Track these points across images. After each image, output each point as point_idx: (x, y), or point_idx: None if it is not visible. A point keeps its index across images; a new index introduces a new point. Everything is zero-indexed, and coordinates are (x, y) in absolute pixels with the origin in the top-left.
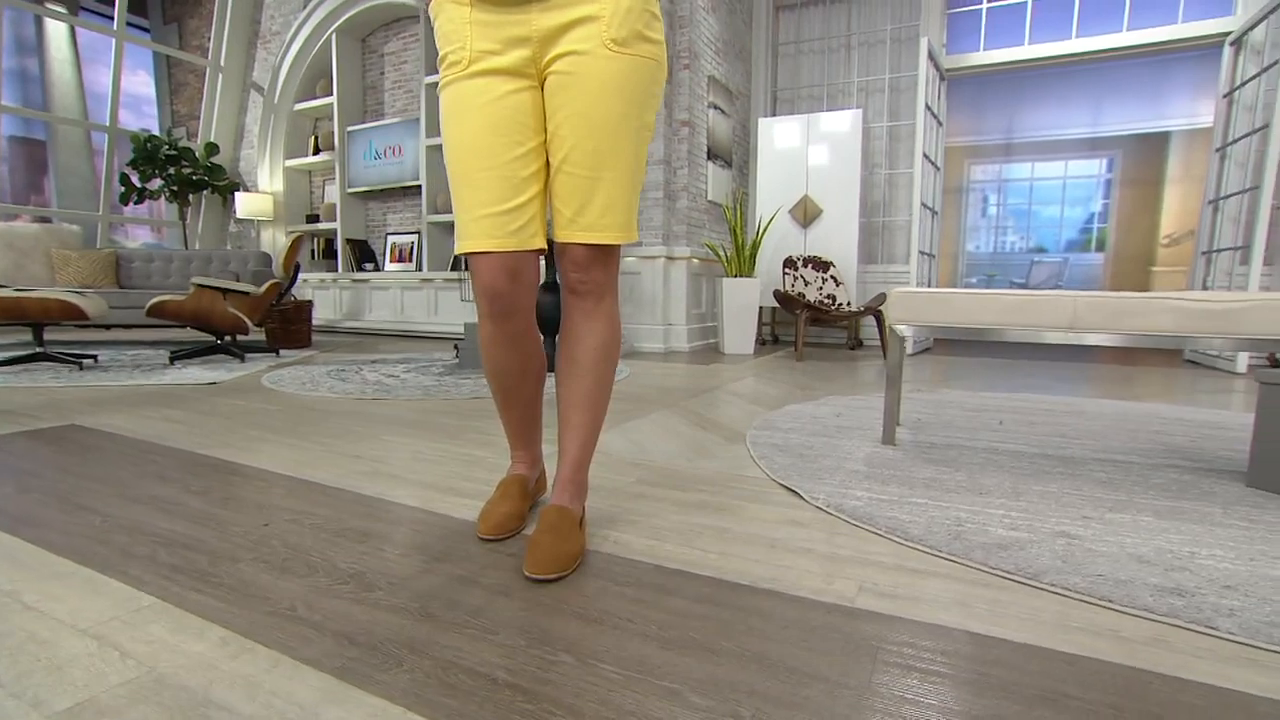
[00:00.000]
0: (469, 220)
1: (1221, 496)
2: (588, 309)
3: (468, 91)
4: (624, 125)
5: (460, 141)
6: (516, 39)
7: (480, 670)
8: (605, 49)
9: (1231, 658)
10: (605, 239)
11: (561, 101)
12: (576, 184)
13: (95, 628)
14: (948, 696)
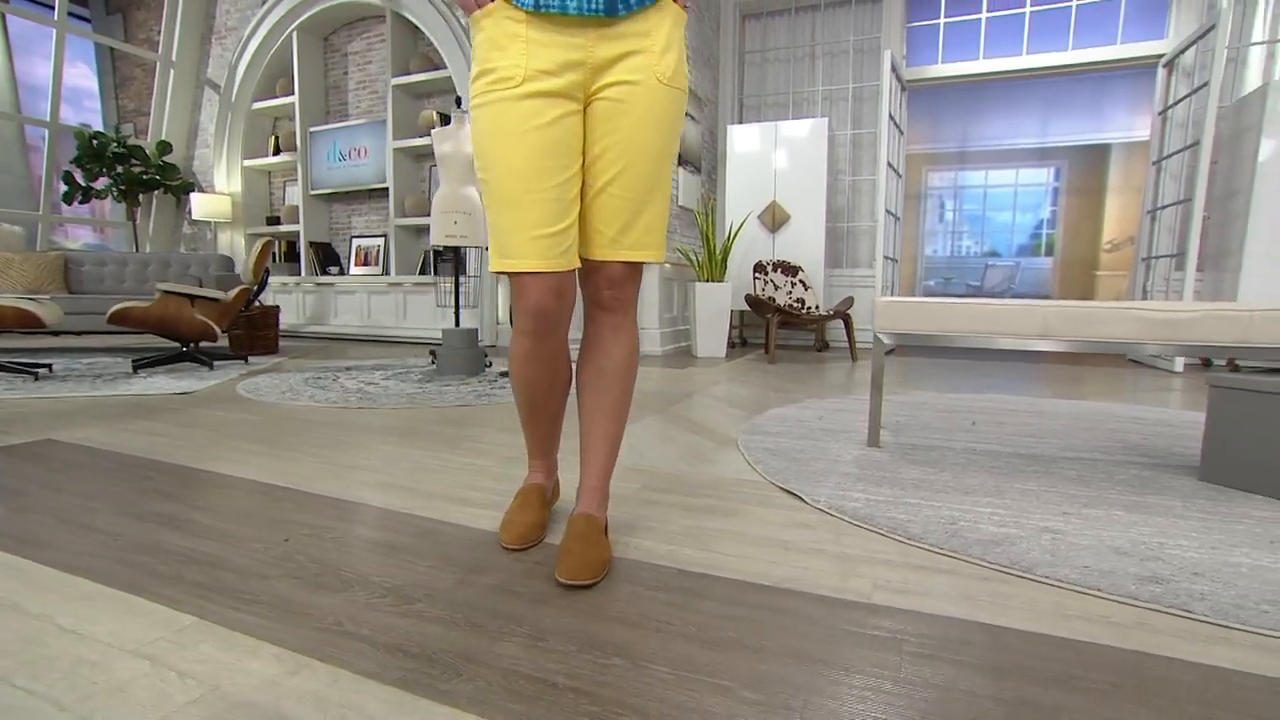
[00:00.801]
0: (520, 241)
1: (1179, 491)
2: (616, 323)
3: (519, 112)
4: (665, 152)
5: (511, 163)
6: (572, 63)
7: (539, 676)
8: (655, 80)
9: (1207, 637)
10: (646, 257)
11: (611, 127)
12: (621, 206)
13: (143, 648)
14: (974, 682)
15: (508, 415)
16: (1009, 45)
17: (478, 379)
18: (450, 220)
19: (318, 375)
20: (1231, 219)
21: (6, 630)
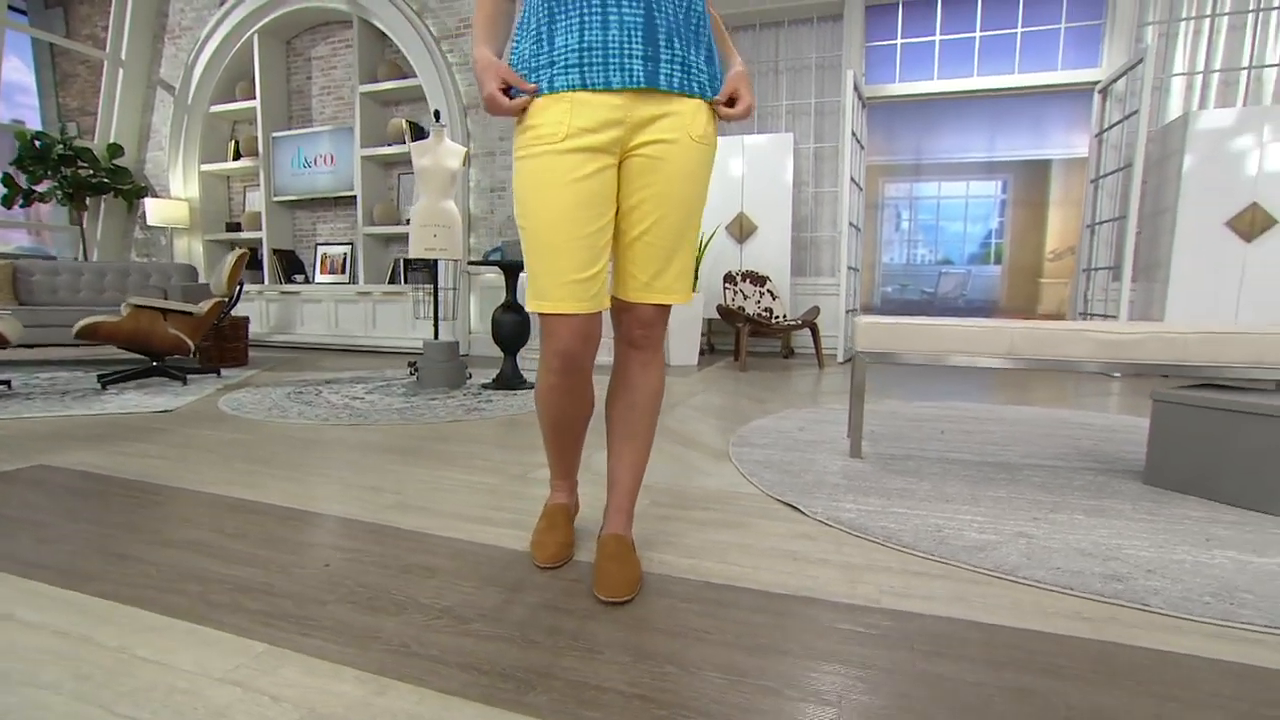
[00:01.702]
0: (553, 284)
1: (1128, 495)
2: (646, 360)
3: (560, 166)
4: (697, 204)
5: (549, 212)
6: (612, 121)
7: (606, 686)
8: (689, 138)
9: (1164, 627)
10: (675, 300)
11: (647, 181)
12: (655, 253)
13: (229, 675)
14: (978, 675)
15: (502, 431)
16: (960, 66)
17: (461, 391)
18: (429, 233)
19: (298, 390)
20: (1160, 234)
21: (92, 663)
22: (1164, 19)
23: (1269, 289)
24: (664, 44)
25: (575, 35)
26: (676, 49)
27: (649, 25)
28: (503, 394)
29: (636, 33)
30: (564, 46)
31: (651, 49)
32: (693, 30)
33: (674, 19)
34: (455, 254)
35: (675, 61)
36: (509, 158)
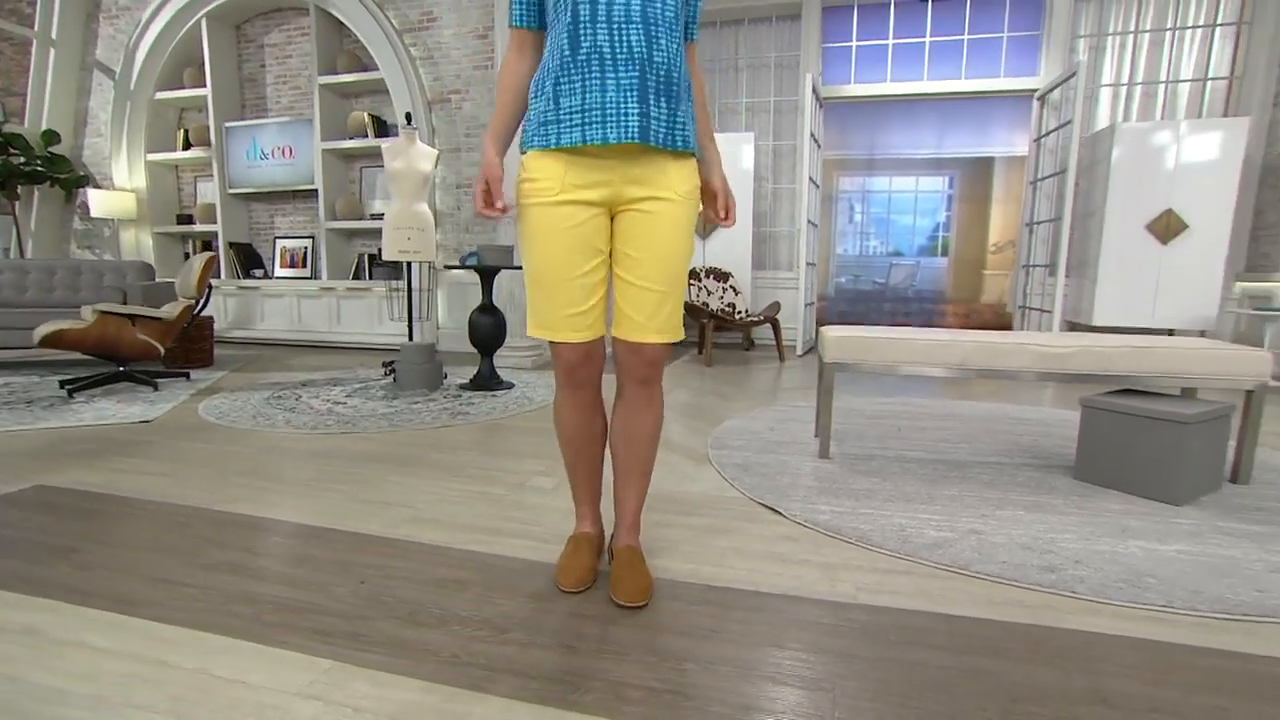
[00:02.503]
0: (554, 317)
1: (1061, 489)
2: (649, 396)
3: (555, 216)
4: (685, 254)
5: (547, 256)
6: (602, 181)
7: (639, 683)
8: (676, 196)
9: (1088, 610)
10: (669, 338)
11: (639, 233)
12: (651, 298)
13: (305, 691)
14: (944, 659)
15: (490, 437)
16: (912, 68)
17: (440, 393)
18: (404, 236)
19: (276, 394)
20: (1090, 235)
21: (179, 685)
22: (1094, 33)
23: (1181, 288)
24: (654, 102)
25: (578, 98)
26: (664, 107)
27: (642, 86)
28: (481, 395)
29: (631, 93)
30: (569, 108)
31: (644, 106)
32: (678, 88)
33: (663, 80)
34: (429, 256)
35: (663, 119)
36: (476, 154)
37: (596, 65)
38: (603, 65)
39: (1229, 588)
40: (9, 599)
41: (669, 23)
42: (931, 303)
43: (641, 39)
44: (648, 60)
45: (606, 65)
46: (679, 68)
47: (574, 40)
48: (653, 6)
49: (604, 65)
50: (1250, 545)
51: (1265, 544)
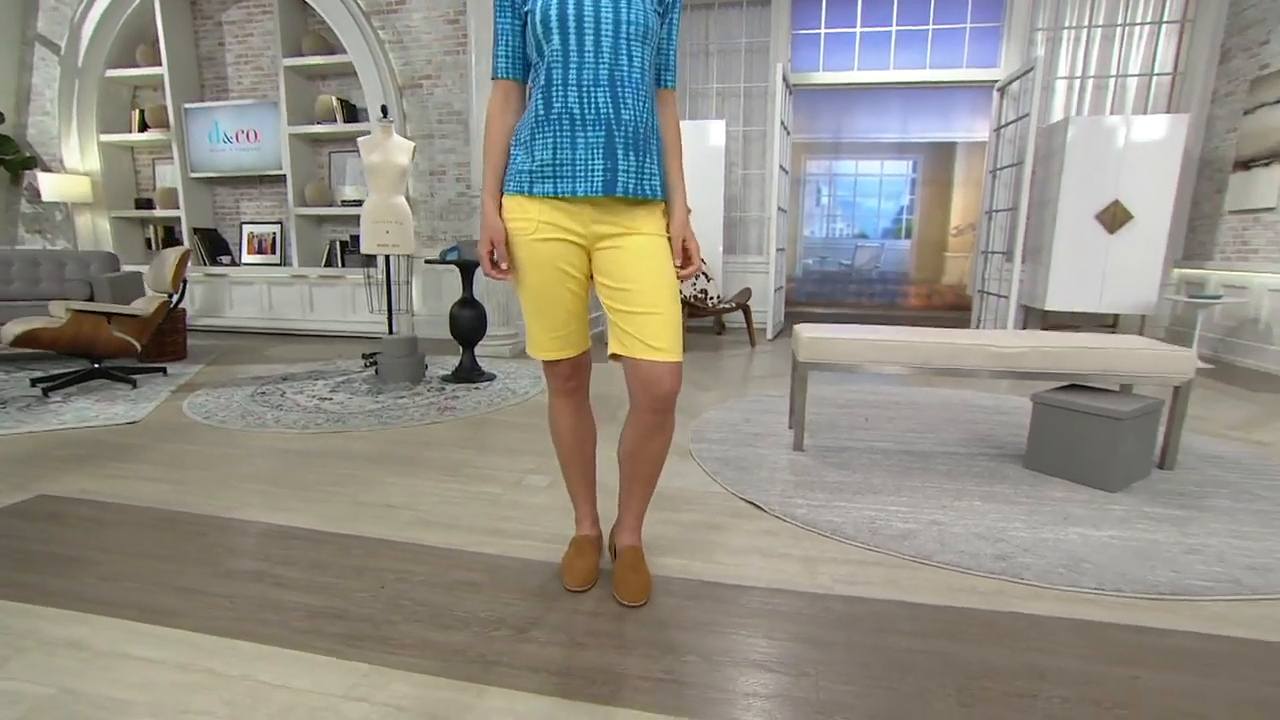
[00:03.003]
0: (542, 339)
1: (1013, 479)
2: (662, 423)
3: (536, 251)
4: (666, 274)
5: (533, 286)
6: (573, 228)
7: (648, 675)
8: (643, 235)
9: (1033, 595)
10: (668, 357)
11: (620, 266)
12: (643, 320)
13: (350, 693)
14: (910, 644)
15: (480, 433)
16: (878, 55)
17: (424, 386)
18: (382, 229)
19: (259, 390)
20: (1044, 223)
21: (229, 690)
22: (1051, 26)
23: (1125, 275)
24: (621, 156)
25: (550, 153)
26: (633, 160)
27: (608, 144)
28: (465, 388)
29: (598, 151)
30: (542, 160)
31: (610, 162)
32: (645, 141)
33: (630, 135)
34: (408, 249)
35: (629, 171)
36: (449, 140)
37: (567, 124)
38: (573, 124)
39: (1151, 570)
40: (45, 613)
41: (635, 84)
42: (895, 284)
43: (609, 101)
44: (615, 119)
45: (576, 125)
46: (647, 122)
47: (548, 100)
48: (620, 70)
49: (574, 124)
50: (1170, 529)
51: (1182, 527)
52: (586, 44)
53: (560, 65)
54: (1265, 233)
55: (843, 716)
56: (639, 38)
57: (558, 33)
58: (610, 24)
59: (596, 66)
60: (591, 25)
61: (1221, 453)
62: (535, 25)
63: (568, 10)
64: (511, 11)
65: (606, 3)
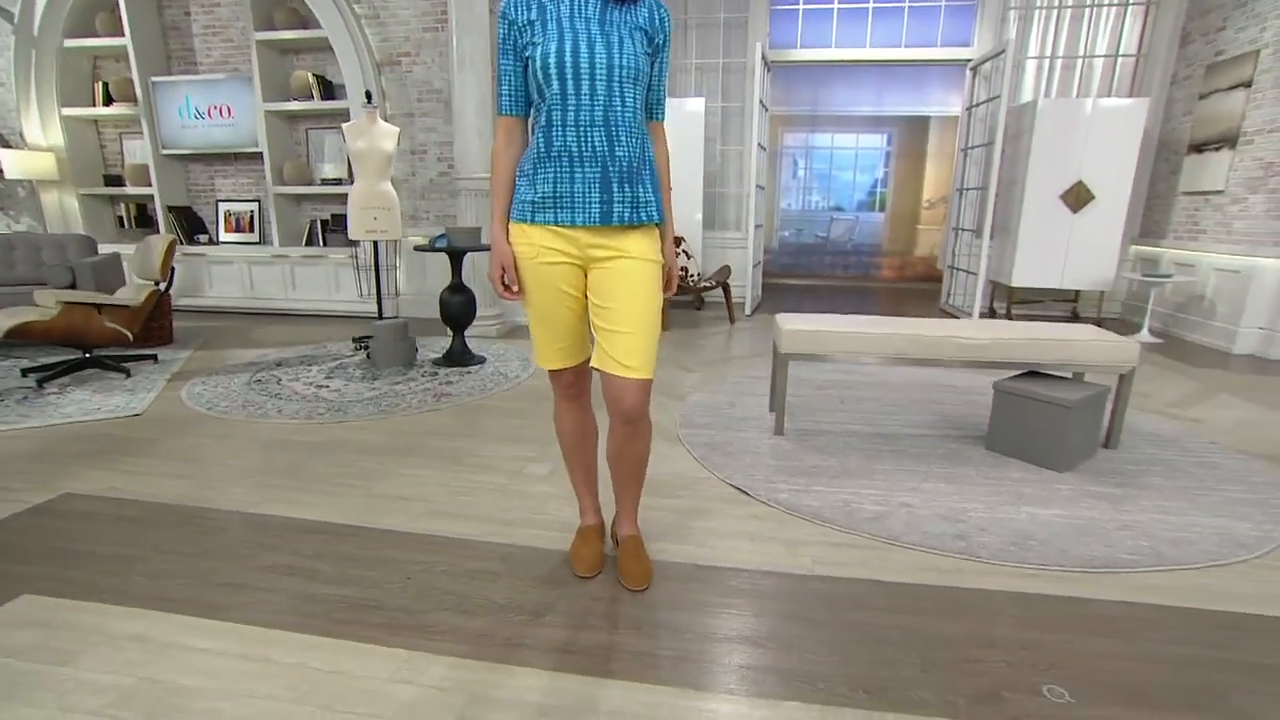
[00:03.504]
0: (548, 350)
1: (974, 460)
2: (636, 431)
3: (539, 274)
4: (653, 299)
5: (538, 304)
6: (572, 252)
7: (653, 652)
8: (631, 259)
9: (987, 572)
10: (642, 375)
11: (608, 287)
12: (623, 340)
13: (396, 676)
14: (881, 619)
15: (478, 420)
16: (855, 34)
17: (417, 371)
18: (370, 216)
19: (255, 377)
20: (1012, 201)
21: (288, 677)
22: (1023, 5)
23: (1086, 253)
24: (616, 189)
25: (550, 186)
26: (627, 191)
27: (604, 178)
28: (457, 372)
29: (594, 185)
30: (543, 193)
31: (606, 195)
32: (638, 173)
33: (623, 169)
34: (395, 235)
35: (624, 202)
36: (429, 119)
37: (566, 161)
38: (571, 161)
39: (1087, 545)
40: (104, 609)
41: (628, 123)
42: (869, 256)
43: (604, 139)
44: (610, 156)
45: (575, 161)
46: (639, 155)
47: (549, 139)
48: (614, 111)
49: (572, 161)
50: (1107, 506)
51: (1118, 505)
52: (583, 89)
53: (559, 108)
54: (1214, 214)
55: (824, 684)
56: (631, 80)
57: (556, 79)
58: (604, 70)
59: (592, 109)
60: (587, 72)
61: (1161, 430)
62: (536, 71)
63: (565, 59)
64: (514, 54)
65: (601, 50)
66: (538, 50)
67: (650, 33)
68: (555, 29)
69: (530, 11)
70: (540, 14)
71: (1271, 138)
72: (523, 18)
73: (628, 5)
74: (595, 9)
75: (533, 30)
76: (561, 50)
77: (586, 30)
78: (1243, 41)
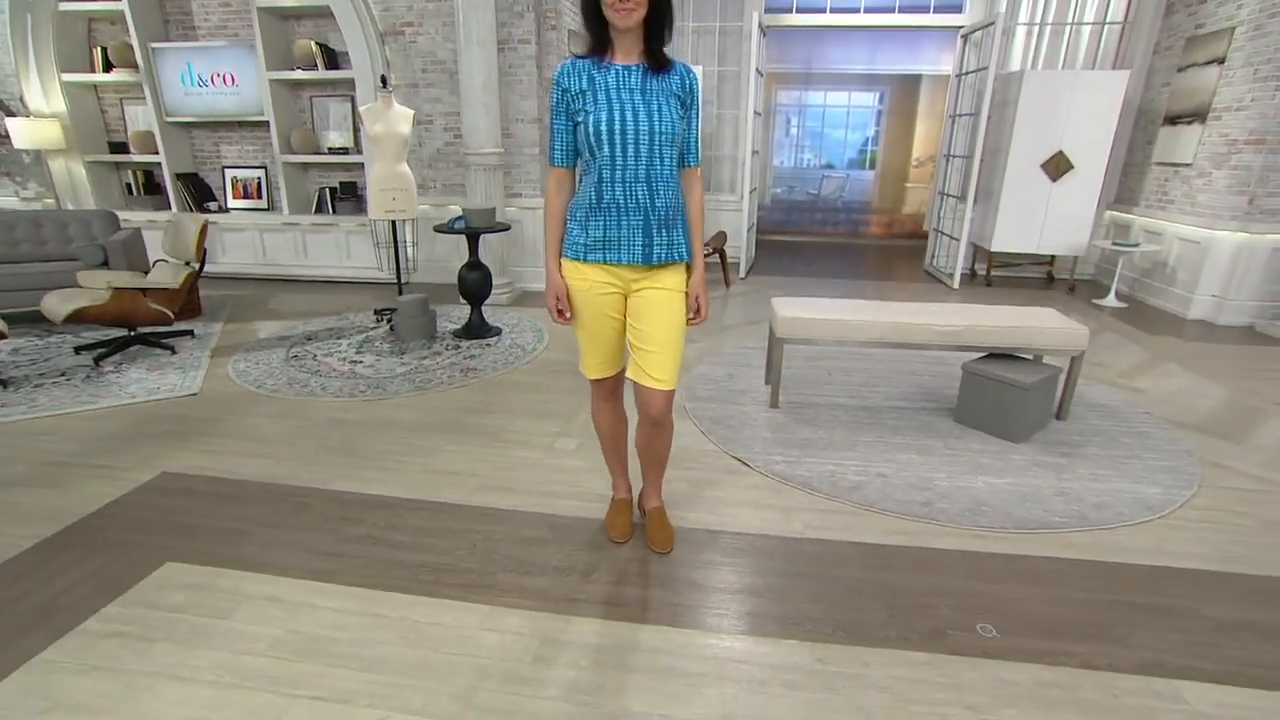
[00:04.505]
0: (593, 363)
1: (942, 432)
2: (660, 430)
3: (591, 303)
4: (679, 325)
5: (588, 327)
6: (617, 284)
7: (680, 602)
8: (664, 290)
9: (945, 534)
10: (668, 386)
11: (643, 313)
12: (654, 357)
13: (483, 625)
14: (860, 574)
15: (506, 396)
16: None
17: (440, 344)
18: (389, 197)
19: (293, 354)
20: (996, 169)
21: (397, 628)
22: None
23: (1062, 220)
24: (655, 234)
25: (600, 231)
26: (664, 236)
27: (646, 226)
28: (478, 345)
29: (638, 231)
30: (595, 237)
31: (647, 239)
32: (673, 220)
33: (661, 217)
34: (413, 214)
35: (662, 244)
36: (434, 89)
37: (614, 211)
38: (619, 211)
39: (1028, 510)
40: (237, 575)
41: (666, 178)
42: (859, 213)
43: (646, 193)
44: (650, 207)
45: (621, 211)
46: (675, 204)
47: (599, 192)
48: (654, 169)
49: (619, 211)
50: (1051, 475)
51: (1059, 473)
52: (629, 151)
53: (609, 167)
54: (1182, 186)
55: (812, 626)
56: (668, 143)
57: (607, 144)
58: (646, 135)
59: (636, 167)
60: (633, 138)
61: (1107, 401)
62: (588, 135)
63: (615, 127)
64: (566, 116)
65: (644, 119)
66: (589, 118)
67: (682, 97)
68: (605, 99)
69: (581, 82)
70: (590, 85)
71: (1239, 115)
72: (575, 87)
73: (663, 74)
74: (637, 79)
75: (584, 99)
76: (611, 119)
77: (631, 100)
78: (1221, 17)
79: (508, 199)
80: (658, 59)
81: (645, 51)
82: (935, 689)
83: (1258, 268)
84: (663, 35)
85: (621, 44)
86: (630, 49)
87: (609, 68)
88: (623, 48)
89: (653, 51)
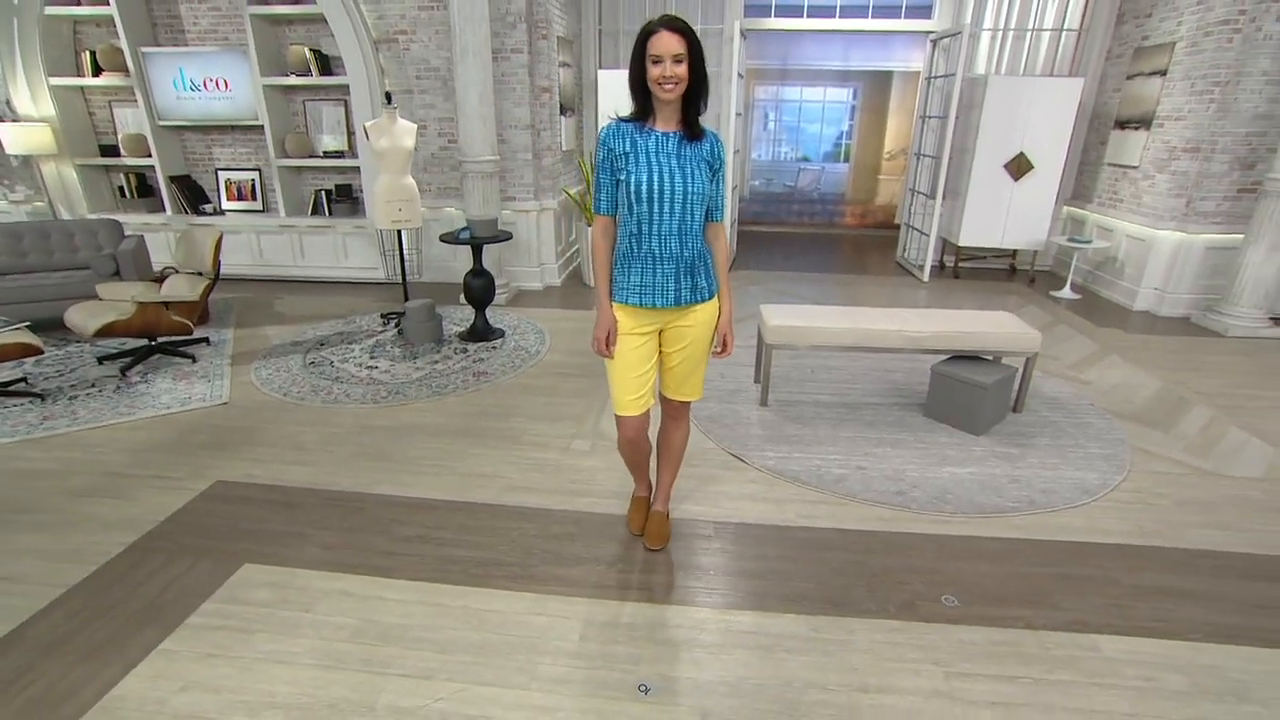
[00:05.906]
0: (623, 400)
1: (913, 426)
2: (681, 423)
3: (631, 341)
4: (706, 350)
5: (630, 359)
6: (653, 324)
7: (696, 585)
8: (694, 325)
9: (915, 520)
10: (693, 397)
11: (678, 345)
12: (684, 375)
13: (530, 611)
14: (844, 557)
15: (519, 399)
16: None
17: (449, 347)
18: (395, 208)
19: (309, 360)
20: (963, 168)
21: (460, 615)
22: None
23: (1022, 216)
24: (685, 278)
25: (638, 277)
26: (691, 280)
27: (678, 273)
28: (484, 348)
29: (670, 278)
30: (634, 283)
31: (678, 284)
32: (701, 266)
33: (690, 264)
34: (417, 223)
35: (692, 288)
36: (428, 95)
37: (650, 260)
38: (654, 260)
39: (986, 497)
40: (308, 574)
41: (695, 231)
42: (833, 204)
43: (678, 244)
44: (680, 257)
45: (656, 260)
46: (701, 253)
47: (639, 242)
48: (685, 224)
49: (655, 260)
50: (1006, 464)
51: (1014, 463)
52: (665, 209)
53: (647, 221)
54: (1130, 186)
55: (807, 601)
56: (698, 202)
57: (645, 202)
58: (680, 195)
59: (669, 222)
60: (668, 197)
61: (1058, 394)
62: (630, 192)
63: (653, 188)
64: (610, 173)
65: (679, 181)
66: (631, 177)
67: (711, 162)
68: (645, 161)
69: (625, 144)
70: (633, 148)
71: (1178, 125)
72: (619, 148)
73: (696, 142)
74: (674, 145)
75: (626, 160)
76: (651, 180)
77: (668, 164)
78: (1164, 32)
79: (503, 202)
80: (694, 129)
81: (682, 121)
82: (908, 650)
83: (1193, 264)
84: (699, 108)
85: (662, 113)
86: (670, 118)
87: (650, 133)
88: (663, 116)
89: (690, 123)
